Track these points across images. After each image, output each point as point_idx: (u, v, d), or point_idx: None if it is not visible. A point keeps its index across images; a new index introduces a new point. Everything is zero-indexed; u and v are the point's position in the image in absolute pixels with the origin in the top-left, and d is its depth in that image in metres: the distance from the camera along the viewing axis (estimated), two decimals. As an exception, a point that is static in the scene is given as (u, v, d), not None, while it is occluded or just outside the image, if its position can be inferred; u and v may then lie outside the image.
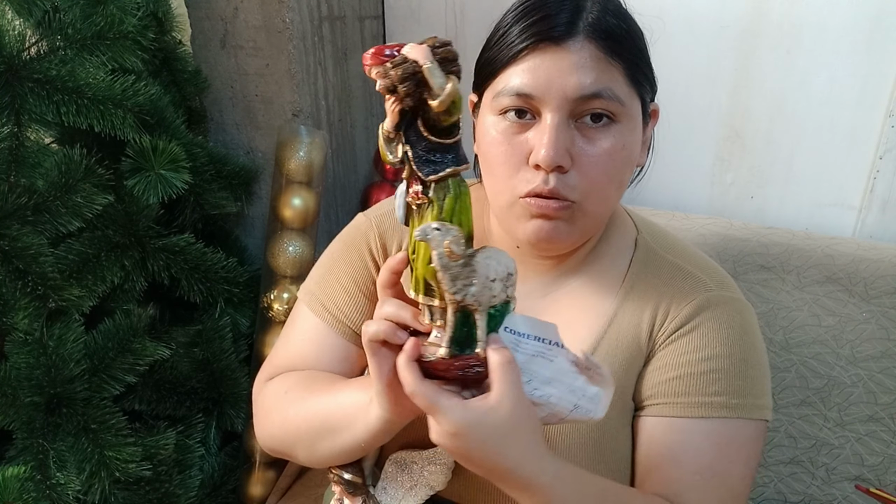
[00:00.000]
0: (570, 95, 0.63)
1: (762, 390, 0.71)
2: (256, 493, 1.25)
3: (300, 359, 0.80)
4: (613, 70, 0.64)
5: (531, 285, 0.75)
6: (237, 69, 1.26)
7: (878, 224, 1.19)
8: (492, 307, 0.55)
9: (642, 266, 0.75)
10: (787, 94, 1.18)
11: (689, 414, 0.69)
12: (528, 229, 0.67)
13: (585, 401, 0.59)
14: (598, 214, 0.70)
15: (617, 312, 0.73)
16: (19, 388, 0.97)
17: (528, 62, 0.64)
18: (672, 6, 1.19)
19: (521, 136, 0.66)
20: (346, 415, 0.67)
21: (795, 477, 1.10)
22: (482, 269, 0.54)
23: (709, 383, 0.69)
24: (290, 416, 0.74)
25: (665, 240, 0.79)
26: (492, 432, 0.54)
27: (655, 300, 0.73)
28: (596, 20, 0.64)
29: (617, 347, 0.72)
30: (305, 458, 0.75)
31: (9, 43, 0.96)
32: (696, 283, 0.73)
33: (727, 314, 0.72)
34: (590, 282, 0.75)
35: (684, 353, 0.70)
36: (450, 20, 1.38)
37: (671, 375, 0.70)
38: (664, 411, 0.70)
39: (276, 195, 1.23)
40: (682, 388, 0.69)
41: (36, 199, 0.97)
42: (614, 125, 0.65)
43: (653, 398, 0.71)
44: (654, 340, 0.72)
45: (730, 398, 0.69)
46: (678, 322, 0.71)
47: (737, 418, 0.69)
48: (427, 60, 0.50)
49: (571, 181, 0.65)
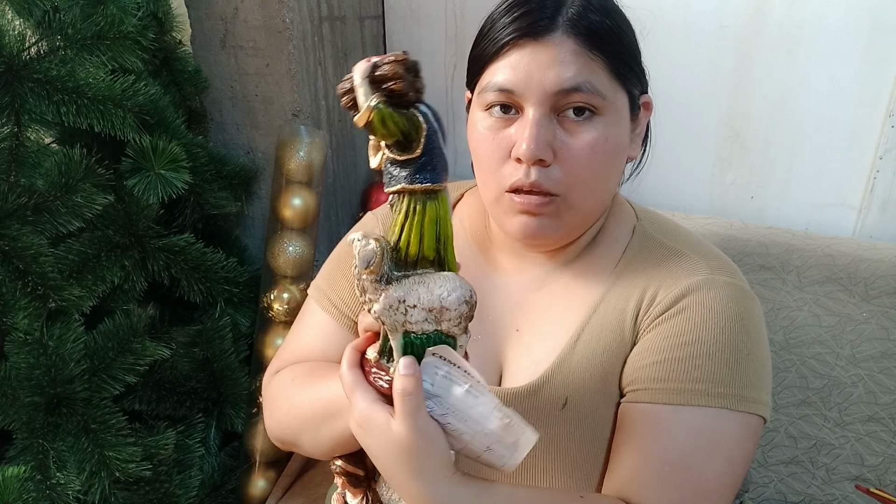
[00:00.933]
0: (550, 89, 0.63)
1: (756, 383, 0.66)
2: (256, 493, 1.25)
3: (308, 352, 0.81)
4: (594, 64, 0.64)
5: (528, 277, 0.76)
6: (237, 69, 1.26)
7: (878, 224, 1.19)
8: (412, 334, 0.53)
9: (636, 251, 0.74)
10: (787, 94, 1.18)
11: (666, 400, 0.65)
12: (515, 225, 0.68)
13: (500, 446, 0.56)
14: (586, 208, 0.69)
15: (604, 297, 0.72)
16: (19, 388, 0.97)
17: (509, 58, 0.65)
18: (672, 6, 1.19)
19: (505, 131, 0.66)
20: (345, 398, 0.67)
21: (795, 477, 1.10)
22: (399, 291, 0.52)
23: (690, 369, 0.65)
24: (295, 403, 0.75)
25: (665, 226, 0.77)
26: (386, 443, 0.55)
27: (644, 283, 0.70)
28: (576, 15, 0.64)
29: (600, 332, 0.70)
30: (310, 445, 0.75)
31: (9, 43, 0.96)
32: (690, 266, 0.70)
33: (720, 298, 0.67)
34: (584, 271, 0.74)
35: (667, 338, 0.67)
36: (450, 20, 1.38)
37: (652, 360, 0.67)
38: (641, 397, 0.67)
39: (276, 195, 1.23)
40: (662, 373, 0.66)
41: (36, 199, 0.97)
42: (597, 118, 0.65)
43: (632, 384, 0.68)
44: (638, 324, 0.69)
45: (713, 386, 0.64)
46: (665, 304, 0.68)
47: (720, 408, 0.64)
48: (358, 77, 0.49)
49: (554, 175, 0.65)
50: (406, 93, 0.49)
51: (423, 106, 0.51)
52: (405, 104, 0.50)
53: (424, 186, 0.52)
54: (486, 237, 0.80)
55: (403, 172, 0.52)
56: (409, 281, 0.52)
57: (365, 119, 0.49)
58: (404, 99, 0.49)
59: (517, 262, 0.77)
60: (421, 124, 0.51)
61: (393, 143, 0.51)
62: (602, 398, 0.70)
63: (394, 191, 0.53)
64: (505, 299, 0.76)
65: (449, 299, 0.51)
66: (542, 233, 0.68)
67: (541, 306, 0.75)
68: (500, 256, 0.78)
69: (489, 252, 0.79)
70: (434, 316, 0.52)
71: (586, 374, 0.69)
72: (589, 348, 0.70)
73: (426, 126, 0.51)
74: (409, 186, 0.52)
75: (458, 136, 1.45)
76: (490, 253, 0.79)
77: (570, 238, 0.73)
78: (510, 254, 0.77)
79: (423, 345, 0.53)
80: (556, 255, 0.75)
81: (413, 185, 0.52)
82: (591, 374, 0.69)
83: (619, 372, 0.70)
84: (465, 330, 0.53)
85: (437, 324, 0.53)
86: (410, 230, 0.53)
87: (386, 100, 0.49)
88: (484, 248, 0.80)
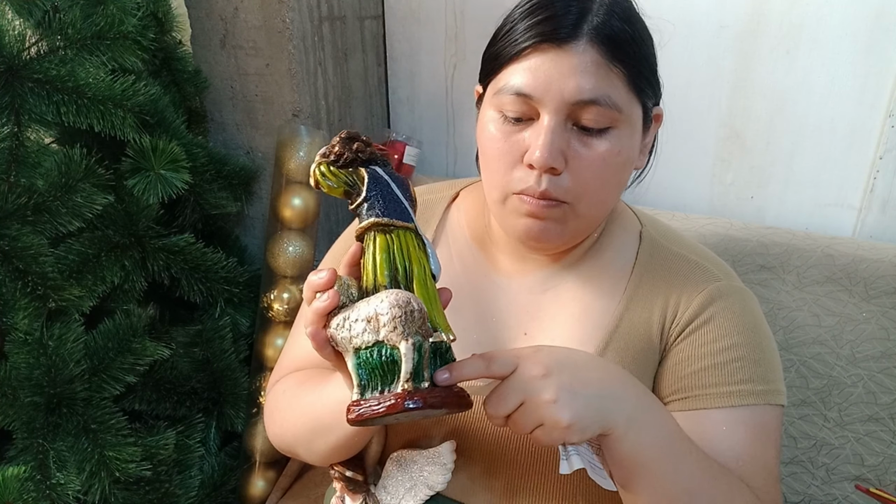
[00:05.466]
0: (568, 99, 0.63)
1: (779, 376, 0.72)
2: (256, 493, 1.25)
3: (306, 360, 0.80)
4: (613, 76, 0.64)
5: (531, 279, 0.76)
6: (237, 69, 1.26)
7: (878, 224, 1.19)
8: (360, 350, 0.55)
9: (649, 258, 0.75)
10: (787, 94, 1.18)
11: (722, 404, 0.69)
12: (519, 227, 0.68)
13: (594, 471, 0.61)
14: (592, 216, 0.70)
15: (627, 308, 0.73)
16: (19, 388, 0.97)
17: (529, 61, 0.64)
18: (672, 6, 1.19)
19: (518, 135, 0.66)
20: (333, 412, 0.67)
21: (795, 477, 1.10)
22: (346, 311, 0.55)
23: (734, 371, 0.69)
24: (287, 417, 0.75)
25: (669, 233, 0.79)
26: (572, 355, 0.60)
27: (665, 293, 0.73)
28: (601, 24, 0.63)
29: (629, 343, 0.72)
30: (306, 455, 0.75)
31: (9, 43, 0.96)
32: (704, 273, 0.73)
33: (738, 303, 0.72)
34: (593, 277, 0.75)
35: (704, 344, 0.70)
36: (450, 20, 1.38)
37: (697, 367, 0.70)
38: (695, 404, 0.70)
39: (276, 195, 1.23)
40: (710, 378, 0.69)
41: (36, 199, 0.97)
42: (611, 130, 0.65)
43: (680, 391, 0.71)
44: (666, 334, 0.72)
45: (756, 385, 0.69)
46: (691, 314, 0.71)
47: (765, 405, 0.69)
48: (316, 157, 0.60)
49: (564, 183, 0.65)
50: (342, 153, 0.59)
51: (372, 164, 0.61)
52: (348, 164, 0.60)
53: (371, 221, 0.58)
54: (486, 236, 0.79)
55: (361, 215, 0.59)
56: (358, 302, 0.56)
57: (313, 180, 0.60)
58: (343, 159, 0.59)
59: (519, 263, 0.77)
60: (362, 173, 0.60)
61: (343, 194, 0.60)
62: None
63: (356, 234, 0.60)
64: (509, 301, 0.76)
65: (381, 306, 0.53)
66: (545, 236, 0.68)
67: (550, 311, 0.74)
68: (500, 257, 0.78)
69: (490, 252, 0.79)
70: (372, 326, 0.54)
71: None
72: (618, 357, 0.71)
73: (367, 173, 0.60)
74: (361, 225, 0.59)
75: (457, 135, 1.45)
76: (490, 253, 0.79)
77: (573, 243, 0.73)
78: (511, 255, 0.77)
79: (369, 361, 0.54)
80: (559, 258, 0.75)
81: (362, 223, 0.59)
82: None
83: (649, 382, 0.72)
84: (405, 336, 0.53)
85: (376, 334, 0.54)
86: (367, 261, 0.58)
87: (325, 162, 0.59)
88: (485, 247, 0.79)
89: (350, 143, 0.60)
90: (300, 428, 0.73)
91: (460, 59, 1.40)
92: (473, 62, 1.42)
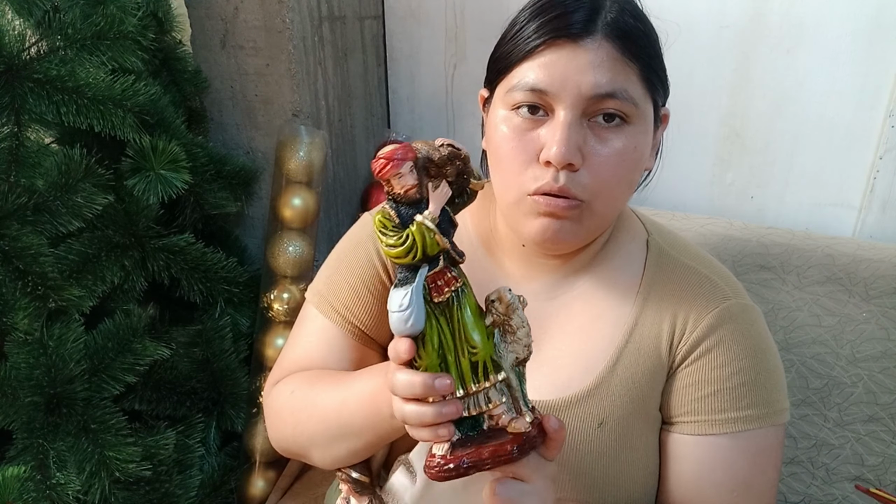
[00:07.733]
0: (585, 94, 0.62)
1: (782, 393, 0.72)
2: (256, 493, 1.25)
3: (308, 360, 0.79)
4: (629, 71, 0.64)
5: (538, 285, 0.75)
6: (237, 69, 1.26)
7: (878, 224, 1.19)
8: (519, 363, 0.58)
9: (657, 269, 0.74)
10: (787, 94, 1.18)
11: (725, 430, 0.69)
12: (535, 227, 0.67)
13: None
14: (606, 215, 0.69)
15: (637, 322, 0.72)
16: (19, 388, 0.97)
17: (543, 58, 0.63)
18: (672, 6, 1.19)
19: (532, 133, 0.65)
20: (364, 417, 0.67)
21: (795, 477, 1.10)
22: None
23: (740, 397, 0.70)
24: (302, 419, 0.74)
25: (675, 241, 0.78)
26: None
27: (673, 307, 0.72)
28: (614, 20, 0.63)
29: (639, 357, 0.72)
30: (320, 459, 0.74)
31: (9, 43, 0.96)
32: (713, 290, 0.73)
33: (746, 325, 0.72)
34: (601, 285, 0.74)
35: (713, 370, 0.70)
36: (450, 20, 1.38)
37: (706, 392, 0.70)
38: (701, 429, 0.70)
39: (276, 195, 1.23)
40: (718, 404, 0.70)
41: (36, 199, 0.97)
42: (627, 126, 0.65)
43: (688, 415, 0.71)
44: (674, 351, 0.72)
45: (759, 409, 0.70)
46: (699, 335, 0.71)
47: (768, 427, 0.70)
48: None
49: (582, 180, 0.64)
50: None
51: None
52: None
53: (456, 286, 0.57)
54: (492, 240, 0.78)
55: None
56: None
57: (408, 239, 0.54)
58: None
59: (525, 268, 0.76)
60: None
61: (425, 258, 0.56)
62: (639, 421, 0.72)
63: None
64: None
65: None
66: (562, 236, 0.67)
67: (559, 319, 0.74)
68: (506, 261, 0.77)
69: (496, 255, 0.78)
70: None
71: (625, 397, 0.71)
72: (629, 372, 0.71)
73: None
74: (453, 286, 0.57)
75: (457, 135, 1.45)
76: (496, 256, 0.78)
77: (584, 244, 0.72)
78: (518, 259, 0.76)
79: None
80: (566, 263, 0.74)
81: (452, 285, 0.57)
82: (631, 397, 0.71)
83: (657, 397, 0.73)
84: None
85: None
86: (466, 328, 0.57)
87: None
88: (491, 250, 0.78)
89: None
90: (321, 430, 0.71)
91: (460, 59, 1.40)
92: (473, 62, 1.43)
